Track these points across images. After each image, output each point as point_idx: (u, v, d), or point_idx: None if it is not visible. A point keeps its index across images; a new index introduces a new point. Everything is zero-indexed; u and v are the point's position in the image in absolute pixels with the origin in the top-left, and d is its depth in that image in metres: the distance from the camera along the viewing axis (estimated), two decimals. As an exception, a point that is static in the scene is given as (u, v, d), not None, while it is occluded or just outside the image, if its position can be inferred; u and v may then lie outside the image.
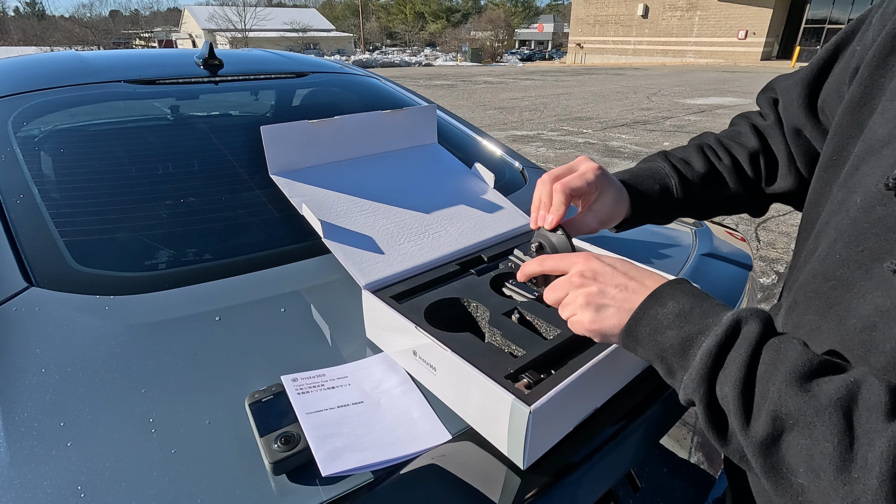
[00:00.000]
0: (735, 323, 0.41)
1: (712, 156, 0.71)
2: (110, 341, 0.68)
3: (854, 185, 0.45)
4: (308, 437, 0.55)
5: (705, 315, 0.43)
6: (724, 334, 0.41)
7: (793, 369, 0.37)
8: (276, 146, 0.82)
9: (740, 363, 0.39)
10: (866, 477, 0.32)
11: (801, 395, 0.36)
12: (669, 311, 0.45)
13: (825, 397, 0.35)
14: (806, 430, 0.35)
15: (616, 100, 10.94)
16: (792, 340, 0.40)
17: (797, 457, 0.36)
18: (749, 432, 0.38)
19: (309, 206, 0.79)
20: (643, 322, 0.46)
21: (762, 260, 3.11)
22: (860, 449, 0.33)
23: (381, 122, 0.95)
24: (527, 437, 0.52)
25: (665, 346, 0.44)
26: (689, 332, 0.43)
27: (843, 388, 0.35)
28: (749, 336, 0.40)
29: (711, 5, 27.29)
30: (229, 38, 41.93)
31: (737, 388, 0.39)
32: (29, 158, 1.01)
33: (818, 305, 0.46)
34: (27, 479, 0.50)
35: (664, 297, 0.46)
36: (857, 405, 0.35)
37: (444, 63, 33.25)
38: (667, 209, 0.69)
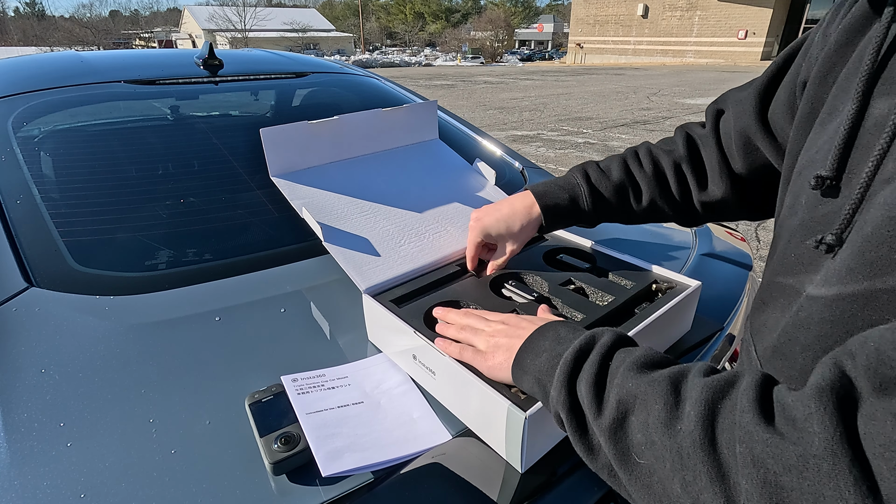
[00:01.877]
0: (591, 336, 0.48)
1: (634, 165, 0.75)
2: (110, 341, 0.68)
3: (798, 190, 0.48)
4: (308, 437, 0.55)
5: (574, 338, 0.49)
6: (579, 345, 0.47)
7: (636, 360, 0.42)
8: (275, 148, 0.82)
9: (592, 363, 0.44)
10: (686, 424, 0.35)
11: (640, 377, 0.40)
12: (548, 340, 0.51)
13: (659, 375, 0.40)
14: (642, 405, 0.39)
15: (616, 100, 10.94)
16: (642, 346, 0.46)
17: (638, 432, 0.38)
18: (600, 421, 0.41)
19: (309, 210, 0.79)
20: (527, 353, 0.52)
21: (762, 260, 3.11)
22: (682, 404, 0.37)
23: (382, 119, 0.95)
24: (523, 441, 0.52)
25: (540, 368, 0.49)
26: (558, 352, 0.48)
27: (676, 368, 0.41)
28: (601, 343, 0.46)
29: (711, 5, 27.29)
30: (229, 38, 41.94)
31: (589, 384, 0.43)
32: (29, 159, 1.01)
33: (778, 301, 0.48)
34: (27, 479, 0.50)
35: (546, 331, 0.52)
36: (685, 375, 0.39)
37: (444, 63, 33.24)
38: (580, 215, 0.76)
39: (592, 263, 0.84)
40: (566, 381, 0.45)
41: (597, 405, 0.42)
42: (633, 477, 0.39)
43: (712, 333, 0.79)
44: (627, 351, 0.45)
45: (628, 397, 0.40)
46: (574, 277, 0.78)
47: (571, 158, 5.70)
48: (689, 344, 0.76)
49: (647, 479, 0.38)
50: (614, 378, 0.42)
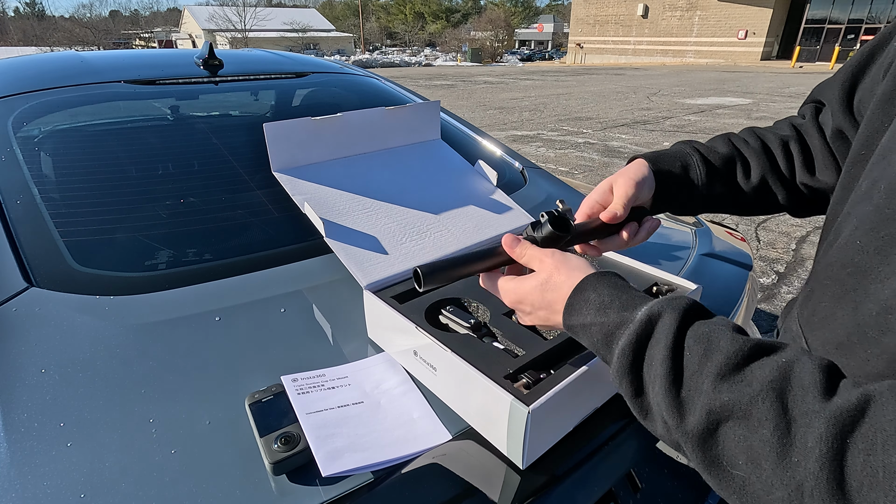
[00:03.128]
0: (647, 319, 0.42)
1: (738, 142, 0.71)
2: (110, 341, 0.68)
3: (879, 175, 0.45)
4: (308, 437, 0.55)
5: (624, 308, 0.44)
6: (635, 332, 0.41)
7: (725, 360, 0.37)
8: (278, 143, 0.82)
9: (661, 358, 0.39)
10: (807, 460, 0.31)
11: (734, 386, 0.35)
12: (592, 306, 0.46)
13: (758, 383, 0.35)
14: (742, 420, 0.35)
15: (616, 100, 10.94)
16: (721, 328, 0.40)
17: (736, 448, 0.35)
18: (685, 428, 0.37)
19: (311, 205, 0.79)
20: (573, 316, 0.48)
21: (762, 260, 3.11)
22: (798, 431, 0.32)
23: (385, 118, 0.95)
24: (526, 436, 0.52)
25: (595, 342, 0.46)
26: (610, 328, 0.44)
27: (775, 371, 0.35)
28: (665, 330, 0.40)
29: (711, 5, 27.29)
30: (229, 38, 41.93)
31: (663, 386, 0.39)
32: (29, 159, 1.01)
33: (834, 292, 0.46)
34: (27, 479, 0.50)
35: (587, 291, 0.47)
36: (791, 386, 0.34)
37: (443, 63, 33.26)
38: (692, 191, 0.68)
39: (593, 264, 0.83)
40: (626, 372, 0.42)
41: (676, 411, 0.38)
42: (722, 482, 0.36)
43: (712, 333, 0.79)
44: (704, 338, 0.39)
45: (722, 410, 0.35)
46: None
47: (571, 158, 5.70)
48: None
49: (741, 489, 0.35)
50: (700, 381, 0.37)
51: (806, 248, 3.27)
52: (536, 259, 0.53)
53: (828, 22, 25.12)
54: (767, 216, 3.77)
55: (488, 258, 0.55)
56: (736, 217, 3.76)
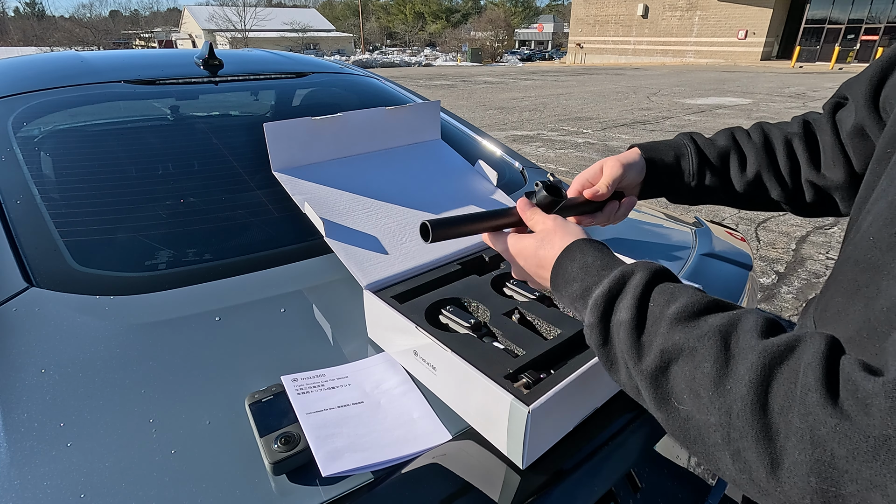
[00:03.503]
0: (620, 276, 0.46)
1: (741, 136, 0.72)
2: (110, 341, 0.68)
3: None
4: (308, 437, 0.55)
5: (604, 268, 0.48)
6: (609, 284, 0.45)
7: (683, 307, 0.40)
8: (278, 143, 0.82)
9: (627, 307, 0.43)
10: (737, 386, 0.34)
11: (686, 329, 0.39)
12: (576, 265, 0.50)
13: (707, 326, 0.38)
14: (689, 358, 0.38)
15: (616, 100, 10.94)
16: (686, 286, 0.43)
17: (682, 383, 0.38)
18: (640, 367, 0.41)
19: (311, 205, 0.79)
20: (559, 276, 0.52)
21: (762, 260, 3.11)
22: (733, 364, 0.36)
23: (385, 118, 0.95)
24: (526, 436, 0.52)
25: (574, 296, 0.49)
26: (588, 284, 0.48)
27: (724, 319, 0.39)
28: (634, 283, 0.44)
29: (711, 5, 27.29)
30: (229, 38, 41.93)
31: (627, 330, 0.42)
32: (29, 158, 1.01)
33: (846, 288, 0.47)
34: (27, 479, 0.50)
35: (574, 252, 0.51)
36: (736, 330, 0.37)
37: (443, 63, 33.26)
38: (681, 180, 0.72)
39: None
40: (597, 320, 0.45)
41: (636, 351, 0.41)
42: (669, 418, 0.39)
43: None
44: (667, 292, 0.43)
45: (673, 349, 0.39)
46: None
47: (571, 158, 5.70)
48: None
49: (685, 423, 0.38)
50: (657, 326, 0.41)
51: (806, 248, 3.27)
52: (540, 222, 0.57)
53: (828, 22, 25.13)
54: (768, 216, 3.77)
55: (495, 218, 0.61)
56: (736, 217, 3.76)
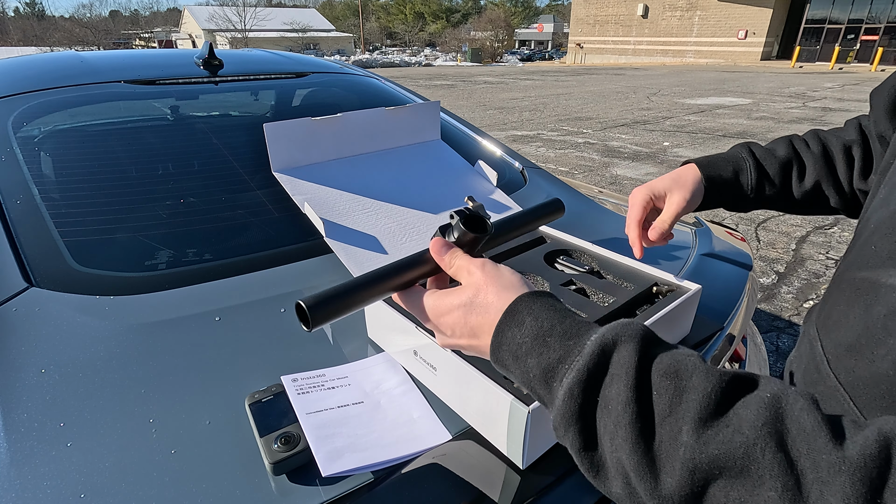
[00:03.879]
0: (600, 351, 0.34)
1: (799, 144, 0.71)
2: (110, 341, 0.68)
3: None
4: (308, 437, 0.55)
5: (567, 336, 0.36)
6: (585, 362, 0.34)
7: (704, 399, 0.30)
8: (279, 143, 0.82)
9: (620, 399, 0.32)
10: None
11: (720, 432, 0.29)
12: (527, 331, 0.38)
13: (749, 428, 0.28)
14: (738, 478, 0.28)
15: (616, 100, 10.94)
16: (686, 357, 0.33)
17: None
18: (661, 492, 0.30)
19: (311, 205, 0.79)
20: (503, 347, 0.39)
21: (762, 260, 3.11)
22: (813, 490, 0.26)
23: (385, 118, 0.95)
24: (525, 436, 0.52)
25: (529, 376, 0.37)
26: (550, 360, 0.36)
27: (764, 410, 0.29)
28: (623, 363, 0.33)
29: (711, 5, 27.29)
30: (229, 38, 41.93)
31: (629, 437, 0.31)
32: (29, 158, 1.01)
33: (848, 296, 0.46)
34: (27, 479, 0.50)
35: (521, 314, 0.39)
36: (789, 429, 0.28)
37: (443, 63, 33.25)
38: (741, 193, 0.70)
39: (593, 264, 0.84)
40: (573, 417, 0.33)
41: (647, 468, 0.30)
42: None
43: (712, 333, 0.79)
44: (671, 373, 0.32)
45: (710, 466, 0.28)
46: (575, 278, 0.78)
47: (571, 158, 5.70)
48: (690, 344, 0.76)
49: None
50: (674, 430, 0.30)
51: (806, 248, 3.27)
52: (465, 270, 0.43)
53: (828, 22, 25.12)
54: (768, 216, 3.77)
55: (403, 273, 0.46)
56: (736, 217, 3.76)
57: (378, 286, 0.45)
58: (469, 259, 0.44)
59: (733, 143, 6.76)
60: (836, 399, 0.46)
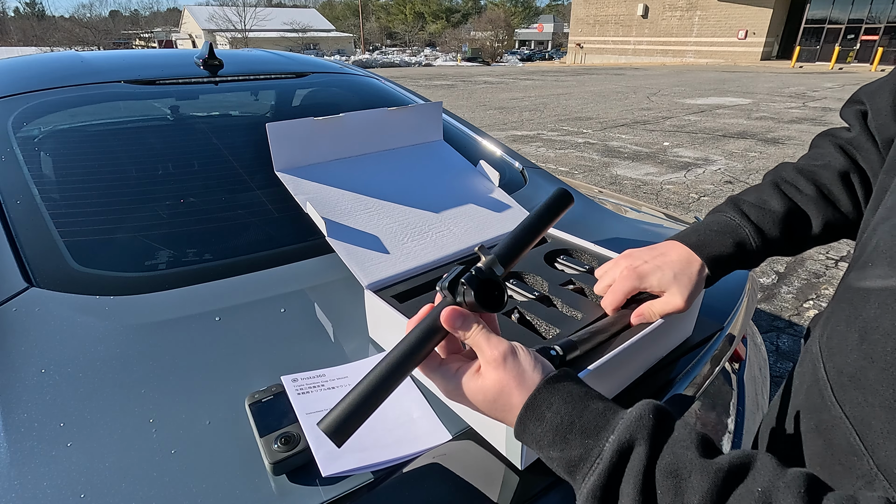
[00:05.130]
0: (618, 455, 0.37)
1: (790, 190, 0.65)
2: (110, 341, 0.68)
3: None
4: (308, 437, 0.55)
5: (586, 434, 0.39)
6: (606, 472, 0.37)
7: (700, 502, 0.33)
8: (281, 143, 0.82)
9: (632, 499, 0.35)
10: None
11: None
12: (548, 427, 0.40)
13: None
14: None
15: (616, 100, 10.94)
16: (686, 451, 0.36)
17: None
18: None
19: (313, 204, 0.79)
20: (526, 435, 0.42)
21: (762, 260, 3.11)
22: None
23: (387, 118, 0.95)
24: None
25: (552, 463, 0.41)
26: (571, 457, 0.39)
27: None
28: (635, 467, 0.36)
29: (711, 5, 27.31)
30: (229, 38, 41.95)
31: None
32: (29, 159, 1.01)
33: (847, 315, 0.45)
34: (27, 479, 0.50)
35: (541, 409, 0.41)
36: None
37: (443, 63, 33.26)
38: (747, 260, 0.64)
39: (594, 264, 0.84)
40: None
41: None
42: None
43: (712, 333, 0.79)
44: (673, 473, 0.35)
45: None
46: (574, 278, 0.78)
47: (571, 158, 5.70)
48: (690, 344, 0.76)
49: None
50: None
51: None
52: (485, 355, 0.44)
53: (828, 22, 25.14)
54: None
55: (419, 352, 0.44)
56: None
57: (395, 381, 0.43)
58: (488, 342, 0.44)
59: (733, 143, 6.65)
60: (840, 430, 0.44)
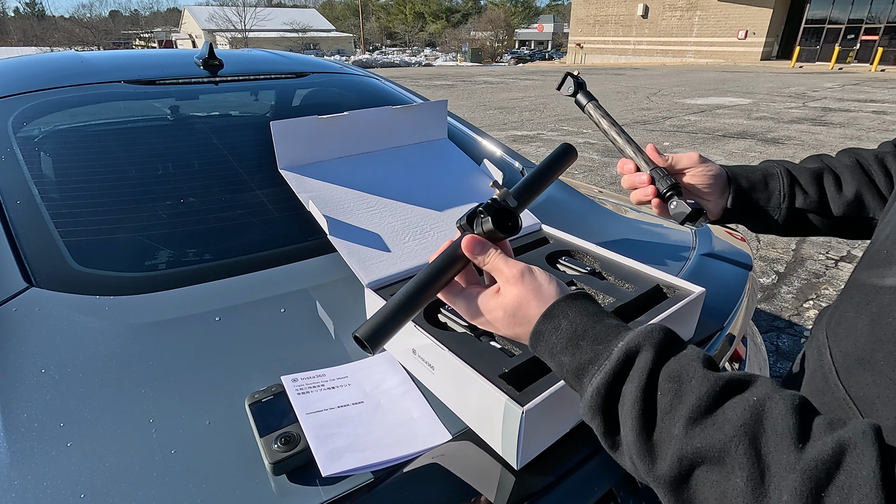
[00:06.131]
0: (625, 358, 0.40)
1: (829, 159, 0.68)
2: (110, 341, 0.68)
3: None
4: (308, 437, 0.55)
5: (598, 341, 0.42)
6: (612, 372, 0.39)
7: (697, 402, 0.36)
8: (285, 141, 0.82)
9: (633, 399, 0.38)
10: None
11: (706, 430, 0.35)
12: (563, 334, 0.43)
13: (730, 427, 0.34)
14: (715, 466, 0.34)
15: (616, 100, 10.93)
16: (692, 363, 0.38)
17: (708, 494, 0.34)
18: (655, 473, 0.36)
19: (315, 203, 0.79)
20: (541, 343, 0.45)
21: (762, 260, 3.11)
22: (772, 482, 0.31)
23: (391, 117, 0.95)
24: (520, 437, 0.52)
25: (562, 369, 0.44)
26: (582, 361, 0.42)
27: (747, 412, 0.34)
28: (640, 367, 0.39)
29: (711, 5, 27.29)
30: (229, 38, 41.94)
31: (635, 428, 0.37)
32: (29, 159, 1.01)
33: (857, 301, 0.46)
34: (27, 479, 0.50)
35: (558, 318, 0.44)
36: (765, 430, 0.33)
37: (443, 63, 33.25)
38: (770, 202, 0.66)
39: (595, 266, 0.84)
40: (599, 409, 0.40)
41: (647, 453, 0.37)
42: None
43: (712, 333, 0.79)
44: (676, 377, 0.38)
45: (695, 456, 0.34)
46: (576, 279, 0.78)
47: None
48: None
49: None
50: (669, 426, 0.36)
51: (806, 249, 3.27)
52: (503, 276, 0.47)
53: (828, 22, 25.11)
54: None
55: (440, 277, 0.48)
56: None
57: (421, 298, 0.47)
58: (506, 263, 0.47)
59: (733, 143, 6.68)
60: (843, 412, 0.45)
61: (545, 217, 1.00)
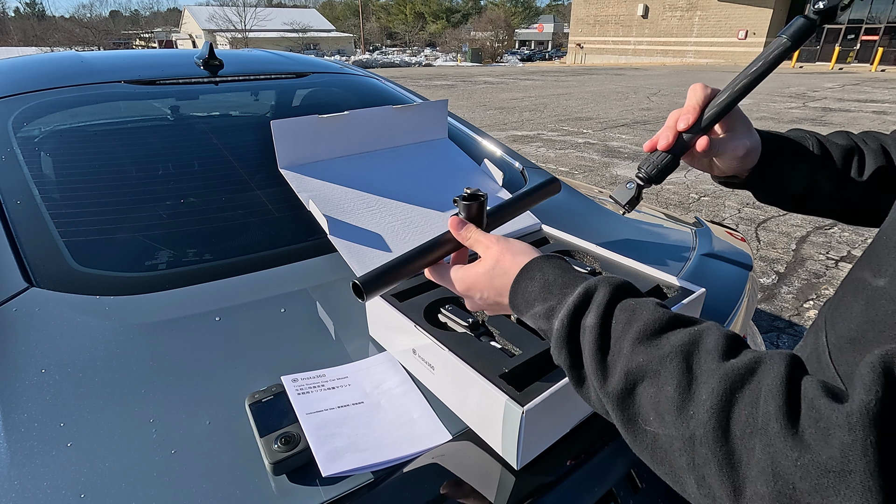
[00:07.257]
0: (584, 293, 0.45)
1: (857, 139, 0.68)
2: (110, 341, 0.68)
3: None
4: (308, 437, 0.55)
5: (566, 285, 0.47)
6: (573, 302, 0.44)
7: (644, 326, 0.40)
8: (285, 140, 0.82)
9: (591, 326, 0.42)
10: (699, 412, 0.34)
11: (649, 349, 0.39)
12: (536, 284, 0.49)
13: (669, 346, 0.38)
14: (653, 380, 0.38)
15: (616, 100, 10.93)
16: (646, 302, 0.43)
17: (647, 405, 0.38)
18: (607, 389, 0.40)
19: (315, 202, 0.79)
20: (518, 295, 0.50)
21: (762, 260, 3.11)
22: (696, 388, 0.36)
23: (392, 116, 0.95)
24: (520, 437, 0.52)
25: (537, 316, 0.48)
26: (552, 303, 0.47)
27: (685, 337, 0.39)
28: (598, 301, 0.44)
29: (711, 5, 27.30)
30: (229, 38, 41.94)
31: (592, 350, 0.42)
32: (29, 159, 1.01)
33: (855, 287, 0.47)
34: (27, 479, 0.50)
35: (533, 271, 0.50)
36: (698, 350, 0.38)
37: (444, 63, 33.26)
38: (803, 158, 0.65)
39: (596, 266, 0.84)
40: (564, 340, 0.44)
41: (601, 372, 0.41)
42: (637, 439, 0.39)
43: (712, 333, 0.79)
44: (629, 308, 0.42)
45: (637, 370, 0.39)
46: None
47: (571, 158, 5.70)
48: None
49: (652, 444, 0.38)
50: (621, 345, 0.41)
51: (806, 248, 3.27)
52: (482, 245, 0.54)
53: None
54: (767, 216, 3.77)
55: (432, 251, 0.57)
56: (736, 217, 3.76)
57: (413, 263, 0.55)
58: (483, 233, 0.56)
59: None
60: None
61: (545, 217, 1.00)
